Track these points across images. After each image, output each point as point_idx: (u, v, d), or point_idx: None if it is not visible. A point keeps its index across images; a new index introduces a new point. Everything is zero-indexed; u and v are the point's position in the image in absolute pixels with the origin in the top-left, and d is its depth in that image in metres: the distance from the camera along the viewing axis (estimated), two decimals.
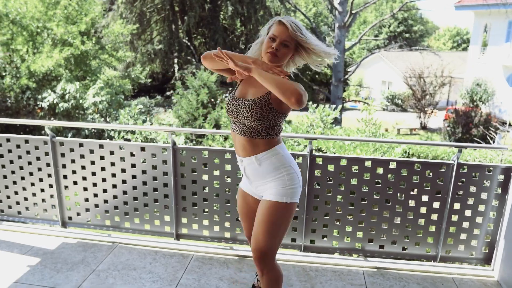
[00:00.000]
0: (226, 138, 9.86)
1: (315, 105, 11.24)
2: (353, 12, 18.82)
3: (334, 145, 8.94)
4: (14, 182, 3.76)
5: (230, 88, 17.32)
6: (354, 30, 41.18)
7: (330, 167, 3.24)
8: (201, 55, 2.26)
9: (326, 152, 8.23)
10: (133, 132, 10.77)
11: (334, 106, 11.59)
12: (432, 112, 22.82)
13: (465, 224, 3.28)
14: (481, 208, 3.26)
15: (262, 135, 2.14)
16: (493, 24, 22.18)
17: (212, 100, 12.17)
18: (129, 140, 10.30)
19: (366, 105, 14.31)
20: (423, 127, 22.62)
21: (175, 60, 21.60)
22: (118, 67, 16.89)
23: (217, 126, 11.48)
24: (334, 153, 7.90)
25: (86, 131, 11.23)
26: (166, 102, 21.41)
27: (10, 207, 3.85)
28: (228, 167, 3.33)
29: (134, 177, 3.47)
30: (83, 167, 3.55)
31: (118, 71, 15.87)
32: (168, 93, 19.48)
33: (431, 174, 3.23)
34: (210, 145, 9.65)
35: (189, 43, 22.15)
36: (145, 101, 17.14)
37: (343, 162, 3.22)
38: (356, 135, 10.07)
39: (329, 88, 22.21)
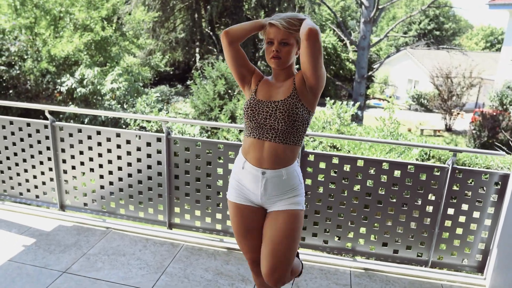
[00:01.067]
0: (241, 131, 9.94)
1: (332, 101, 11.20)
2: (380, 7, 18.54)
3: (349, 144, 8.89)
4: (16, 164, 3.91)
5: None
6: (382, 26, 40.58)
7: (322, 165, 3.26)
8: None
9: (340, 150, 8.21)
10: (148, 121, 10.94)
11: (352, 103, 11.51)
12: (458, 113, 22.37)
13: (459, 231, 3.26)
14: (476, 214, 3.23)
15: (298, 139, 2.05)
16: None
17: (229, 91, 12.25)
18: (144, 128, 10.46)
19: (389, 103, 14.18)
20: (448, 129, 22.20)
21: (197, 50, 21.75)
22: (139, 54, 17.12)
23: (232, 117, 11.56)
24: (349, 152, 7.86)
25: (103, 117, 11.46)
26: (186, 92, 21.61)
27: (12, 187, 4.01)
28: (221, 159, 3.39)
29: (129, 164, 3.57)
30: (81, 152, 3.68)
31: (138, 58, 16.10)
32: (188, 82, 19.65)
33: (425, 177, 3.21)
34: (225, 137, 9.73)
35: (211, 33, 22.26)
36: (165, 90, 17.35)
37: (335, 160, 3.24)
38: (368, 135, 9.98)
39: (352, 84, 21.99)
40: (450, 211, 3.23)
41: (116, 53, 13.40)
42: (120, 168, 3.62)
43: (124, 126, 11.47)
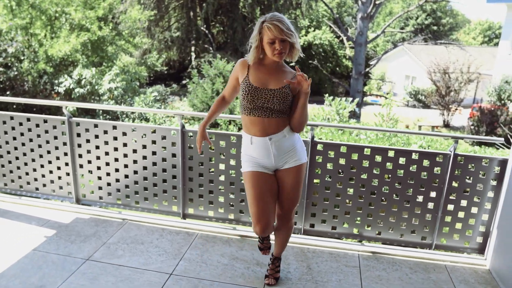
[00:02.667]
0: (240, 128, 10.17)
1: (331, 97, 11.44)
2: (377, 2, 18.85)
3: (349, 139, 9.16)
4: (33, 160, 4.13)
5: None
6: (379, 22, 40.93)
7: (331, 154, 3.51)
8: (218, 43, 2.80)
9: None
10: (146, 120, 11.16)
11: (351, 99, 11.76)
12: (456, 109, 22.69)
13: (461, 214, 3.52)
14: (477, 198, 3.49)
15: (287, 113, 2.60)
16: None
17: None
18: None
19: (386, 99, 14.45)
20: (446, 125, 22.53)
21: (192, 48, 21.97)
22: (135, 53, 17.34)
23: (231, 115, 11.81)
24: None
25: (101, 117, 11.67)
26: (182, 91, 21.79)
27: (28, 183, 4.23)
28: (233, 150, 3.63)
29: (144, 157, 3.80)
30: (97, 147, 3.91)
31: (134, 57, 16.32)
32: (184, 82, 19.85)
33: (428, 163, 3.47)
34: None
35: (207, 31, 22.49)
36: (160, 89, 17.54)
37: (343, 149, 3.49)
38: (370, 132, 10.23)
39: (349, 81, 22.28)
40: (453, 195, 3.49)
41: (113, 53, 13.60)
42: (135, 162, 3.85)
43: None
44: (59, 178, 4.14)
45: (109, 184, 4.02)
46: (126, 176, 3.93)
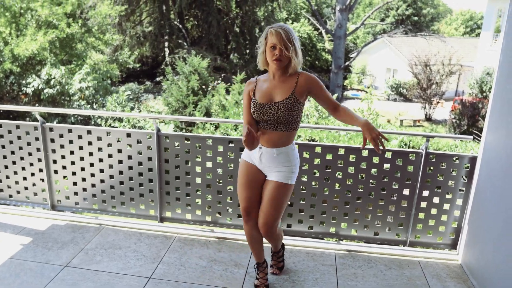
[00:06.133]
0: (217, 127, 10.32)
1: None
2: None
3: (328, 136, 9.43)
4: (6, 167, 4.23)
5: (223, 75, 17.72)
6: (359, 13, 41.49)
7: (306, 154, 3.72)
8: (193, 38, 2.97)
9: (317, 142, 8.71)
10: (120, 120, 11.21)
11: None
12: (438, 102, 23.25)
13: (433, 211, 3.77)
14: (449, 195, 3.75)
15: (295, 126, 2.78)
16: (508, 9, 22.38)
17: (203, 87, 12.60)
18: (116, 127, 10.75)
19: (367, 94, 14.78)
20: (428, 119, 23.09)
21: (166, 44, 22.00)
22: (105, 50, 17.31)
23: (207, 114, 11.92)
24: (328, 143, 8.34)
25: (72, 118, 11.67)
26: (156, 88, 21.80)
27: (1, 190, 4.34)
28: (209, 152, 3.81)
29: (120, 162, 3.95)
30: (72, 152, 4.03)
31: (105, 55, 16.31)
32: (158, 79, 19.88)
33: (401, 162, 3.71)
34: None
35: (180, 26, 22.52)
36: (133, 87, 17.57)
37: (318, 150, 3.70)
38: (346, 127, 10.53)
39: (329, 75, 22.63)
40: (425, 193, 3.74)
41: (82, 50, 13.58)
42: (111, 166, 4.00)
43: (95, 126, 11.70)
44: (34, 184, 4.25)
45: (85, 190, 4.15)
46: (102, 181, 4.07)
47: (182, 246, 3.73)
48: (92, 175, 4.07)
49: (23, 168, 4.20)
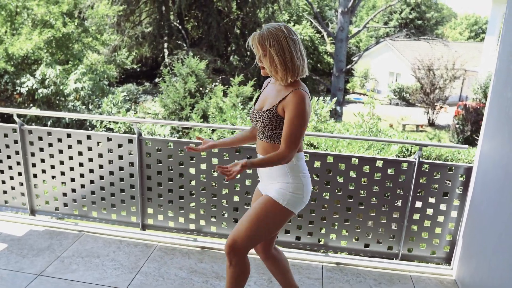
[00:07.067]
0: (213, 131, 10.18)
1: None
2: None
3: (326, 141, 9.28)
4: None
5: (221, 77, 17.60)
6: (362, 16, 41.39)
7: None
8: (193, 39, 2.62)
9: (318, 148, 8.57)
10: (116, 122, 11.08)
11: (328, 98, 11.89)
12: (441, 107, 23.09)
13: (427, 223, 3.63)
14: (443, 207, 3.60)
15: (277, 140, 2.41)
16: (505, 13, 22.27)
17: (201, 89, 12.49)
18: (112, 130, 10.62)
19: (369, 98, 14.63)
20: (431, 124, 22.93)
21: (165, 45, 21.91)
22: (103, 51, 17.21)
23: (204, 116, 11.80)
24: (326, 149, 8.21)
25: (67, 119, 11.57)
26: (155, 90, 21.71)
27: None
28: (193, 159, 3.68)
29: (101, 166, 3.83)
30: (51, 156, 3.91)
31: (102, 55, 16.21)
32: (157, 80, 19.81)
33: (393, 171, 3.57)
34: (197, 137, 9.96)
35: (180, 27, 22.43)
36: (132, 88, 17.48)
37: (306, 157, 3.57)
38: (346, 132, 10.41)
39: (330, 79, 22.50)
40: (418, 204, 3.60)
41: (79, 50, 13.50)
42: (91, 171, 3.87)
43: (90, 128, 11.60)
44: (13, 188, 4.13)
45: (65, 195, 4.03)
46: (83, 186, 3.95)
47: (162, 255, 3.59)
48: (72, 179, 3.95)
49: (2, 171, 4.09)
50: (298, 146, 2.31)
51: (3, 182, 4.12)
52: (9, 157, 4.02)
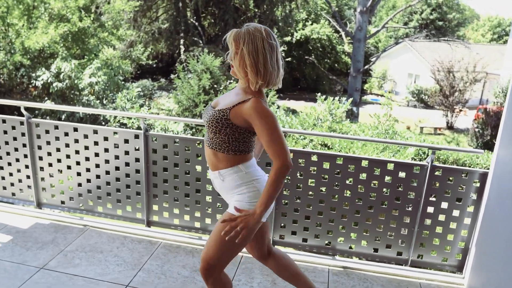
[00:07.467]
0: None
1: (323, 96, 11.45)
2: None
3: (340, 142, 9.18)
4: None
5: None
6: (382, 16, 41.00)
7: (301, 162, 3.52)
8: (209, 36, 2.43)
9: (332, 149, 8.49)
10: (129, 118, 11.13)
11: (345, 98, 11.78)
12: (460, 110, 22.74)
13: (439, 229, 3.53)
14: (456, 213, 3.50)
15: (223, 150, 2.26)
16: None
17: (215, 86, 12.47)
18: (125, 125, 10.67)
19: (386, 99, 14.47)
20: (450, 127, 22.61)
21: (181, 41, 21.94)
22: (119, 46, 17.30)
23: None
24: (340, 151, 8.13)
25: (81, 113, 11.65)
26: (171, 86, 21.78)
27: None
28: (199, 156, 3.64)
29: (107, 161, 3.81)
30: (58, 149, 3.91)
31: (118, 50, 16.29)
32: (172, 76, 19.89)
33: (404, 175, 3.48)
34: None
35: (196, 23, 22.45)
36: (147, 84, 17.54)
37: (314, 158, 3.50)
38: (362, 133, 10.29)
39: (348, 79, 22.33)
40: (430, 209, 3.50)
41: (95, 45, 13.59)
42: (97, 166, 3.86)
43: (103, 123, 11.67)
44: (20, 181, 4.14)
45: (71, 189, 4.03)
46: (89, 180, 3.94)
47: (166, 253, 3.56)
48: (79, 173, 3.94)
49: (9, 164, 4.10)
50: (286, 147, 2.12)
51: (11, 174, 4.14)
52: (16, 149, 4.03)
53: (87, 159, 3.87)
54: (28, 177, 4.09)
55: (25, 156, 4.02)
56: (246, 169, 2.29)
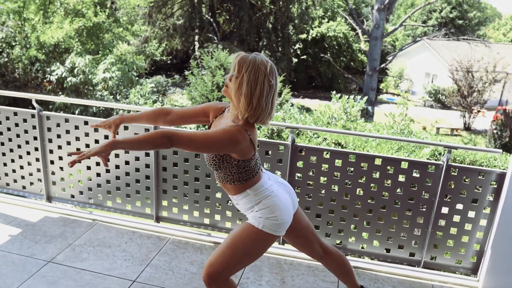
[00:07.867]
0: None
1: (338, 95, 11.37)
2: None
3: (354, 141, 9.09)
4: (3, 154, 4.16)
5: None
6: (400, 14, 40.61)
7: (313, 159, 3.48)
8: (224, 33, 2.40)
9: (345, 147, 8.42)
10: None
11: (359, 97, 11.69)
12: (478, 111, 22.42)
13: (453, 230, 3.46)
14: (471, 214, 3.43)
15: (229, 181, 2.29)
16: None
17: None
18: None
19: (402, 98, 14.33)
20: (467, 128, 22.32)
21: (196, 38, 21.98)
22: (134, 42, 17.39)
23: None
24: (354, 149, 8.06)
25: (94, 108, 11.73)
26: (185, 82, 21.85)
27: None
28: None
29: (117, 155, 3.81)
30: (68, 143, 3.92)
31: (133, 46, 16.38)
32: (186, 73, 20.00)
33: (419, 174, 3.42)
34: None
35: (211, 20, 22.47)
36: (161, 80, 17.59)
37: (326, 155, 3.46)
38: (377, 133, 10.19)
39: (363, 77, 22.16)
40: (445, 210, 3.43)
41: (109, 41, 13.66)
42: (107, 159, 3.85)
43: None
44: (30, 174, 4.16)
45: (80, 183, 4.04)
46: (98, 175, 3.95)
47: (174, 249, 3.55)
48: (88, 167, 3.95)
49: (20, 157, 4.12)
50: (196, 140, 2.07)
51: (22, 167, 4.16)
52: (27, 142, 4.05)
53: None
54: (38, 170, 4.11)
55: (36, 149, 4.04)
56: (254, 192, 2.31)
